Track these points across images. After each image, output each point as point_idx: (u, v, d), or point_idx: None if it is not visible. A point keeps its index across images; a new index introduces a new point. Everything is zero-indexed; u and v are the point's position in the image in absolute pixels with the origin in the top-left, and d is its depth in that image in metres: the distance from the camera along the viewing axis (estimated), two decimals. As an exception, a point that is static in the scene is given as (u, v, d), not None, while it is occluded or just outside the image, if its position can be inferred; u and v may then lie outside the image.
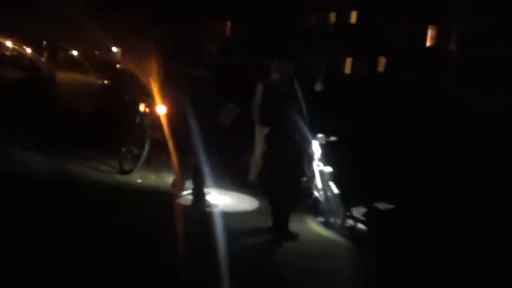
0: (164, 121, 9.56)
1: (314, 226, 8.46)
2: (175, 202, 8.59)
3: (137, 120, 10.07)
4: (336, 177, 8.37)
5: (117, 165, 10.05)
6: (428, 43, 39.54)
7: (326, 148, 8.34)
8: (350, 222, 8.36)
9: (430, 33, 39.56)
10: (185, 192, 8.94)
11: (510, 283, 6.94)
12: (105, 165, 10.28)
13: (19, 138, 11.24)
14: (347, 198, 8.35)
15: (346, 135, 8.83)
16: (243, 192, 9.76)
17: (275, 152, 7.72)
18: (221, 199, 9.10)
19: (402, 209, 8.88)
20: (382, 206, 8.91)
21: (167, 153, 9.71)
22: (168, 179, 9.78)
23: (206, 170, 8.48)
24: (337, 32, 42.10)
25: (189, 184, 8.91)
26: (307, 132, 7.45)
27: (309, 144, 7.69)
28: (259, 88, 9.65)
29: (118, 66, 15.78)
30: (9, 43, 26.77)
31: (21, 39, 24.55)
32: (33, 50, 22.24)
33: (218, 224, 7.74)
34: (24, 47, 24.02)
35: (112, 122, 13.11)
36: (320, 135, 8.10)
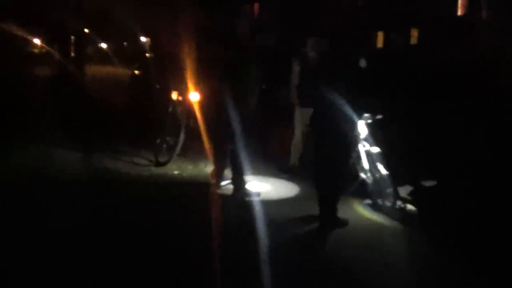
0: (198, 108, 9.27)
1: (362, 210, 8.02)
2: (214, 192, 8.28)
3: (170, 109, 9.66)
4: (384, 157, 7.88)
5: (152, 157, 9.68)
6: (459, 12, 38.63)
7: (373, 127, 7.82)
8: (398, 203, 7.85)
9: (460, 1, 38.63)
10: (224, 182, 8.55)
11: None
12: (141, 158, 9.97)
13: (53, 135, 10.94)
14: (395, 179, 7.86)
15: (392, 112, 8.28)
16: (285, 178, 9.36)
17: (318, 135, 7.23)
18: (262, 187, 8.71)
19: (448, 187, 8.23)
20: (428, 183, 8.37)
21: (203, 141, 9.44)
22: (206, 168, 9.45)
23: (245, 157, 8.06)
24: (367, 5, 41.33)
25: (228, 172, 8.54)
26: (351, 111, 6.94)
27: (354, 124, 7.16)
28: (296, 67, 9.21)
29: (147, 55, 15.32)
30: (37, 41, 26.62)
31: (49, 36, 24.32)
32: (60, 46, 21.92)
33: (261, 214, 7.34)
34: (50, 45, 23.77)
35: (145, 113, 12.77)
36: (366, 114, 7.57)
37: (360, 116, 7.34)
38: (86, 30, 23.84)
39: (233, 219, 7.11)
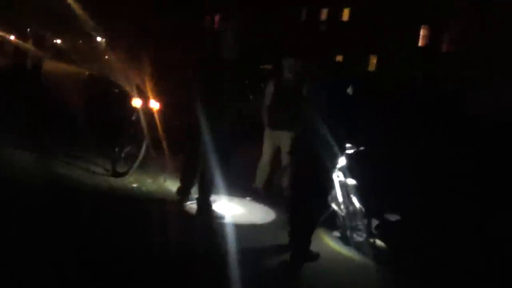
0: (162, 118, 8.84)
1: (331, 243, 7.63)
2: (176, 211, 7.74)
3: (133, 118, 9.04)
4: (358, 189, 7.53)
5: (109, 167, 8.99)
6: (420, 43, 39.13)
7: (353, 158, 7.39)
8: (370, 238, 7.54)
9: (422, 33, 39.14)
10: (189, 202, 7.96)
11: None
12: (96, 166, 9.25)
13: (1, 133, 10.10)
14: (370, 213, 7.54)
15: (373, 142, 7.89)
16: (253, 201, 8.86)
17: (299, 162, 6.76)
18: (229, 209, 8.18)
19: (413, 219, 8.08)
20: (392, 217, 8.04)
21: (165, 154, 9.01)
22: (166, 184, 8.86)
23: (215, 176, 7.52)
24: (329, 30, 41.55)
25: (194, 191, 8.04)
26: (337, 141, 6.49)
27: (338, 155, 6.70)
28: (270, 88, 8.75)
29: (106, 56, 14.65)
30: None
31: (3, 25, 23.39)
32: (17, 37, 21.07)
33: (226, 240, 6.85)
34: (7, 34, 22.85)
35: (102, 117, 12.10)
36: (347, 145, 7.13)
37: (344, 147, 6.89)
38: (42, 24, 23.09)
39: (197, 244, 6.62)
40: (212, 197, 7.82)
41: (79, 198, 7.57)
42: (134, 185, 8.61)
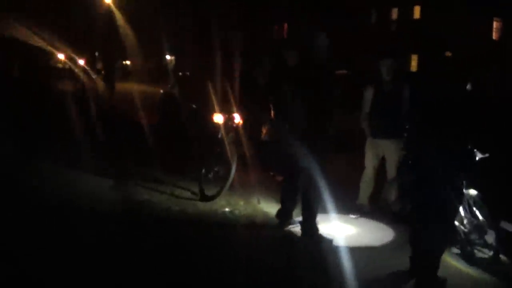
0: (251, 134, 8.54)
1: (452, 261, 6.60)
2: (279, 237, 6.95)
3: (218, 135, 8.31)
4: (483, 201, 6.55)
5: (197, 190, 8.25)
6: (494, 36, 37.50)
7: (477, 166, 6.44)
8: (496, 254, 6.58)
9: (495, 25, 37.52)
10: (291, 225, 7.14)
11: None
12: (182, 189, 8.53)
13: (78, 158, 9.56)
14: (493, 226, 6.57)
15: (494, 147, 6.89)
16: (359, 219, 7.94)
17: (425, 179, 5.82)
18: (337, 230, 7.31)
19: None
20: (509, 227, 7.15)
21: (257, 173, 8.59)
22: (260, 206, 8.05)
23: (320, 196, 6.75)
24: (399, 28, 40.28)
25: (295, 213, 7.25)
26: (469, 148, 5.56)
27: (471, 165, 5.76)
28: (369, 93, 7.85)
29: (180, 73, 14.06)
30: (61, 56, 25.46)
31: (73, 51, 23.27)
32: (86, 62, 20.85)
33: (340, 267, 6.03)
34: (77, 58, 22.70)
35: (181, 136, 11.42)
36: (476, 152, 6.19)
37: (472, 154, 5.94)
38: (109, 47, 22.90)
39: (306, 274, 5.84)
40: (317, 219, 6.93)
41: (166, 228, 6.88)
42: (226, 209, 7.84)
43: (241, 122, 8.48)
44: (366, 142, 8.14)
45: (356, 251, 6.64)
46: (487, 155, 6.50)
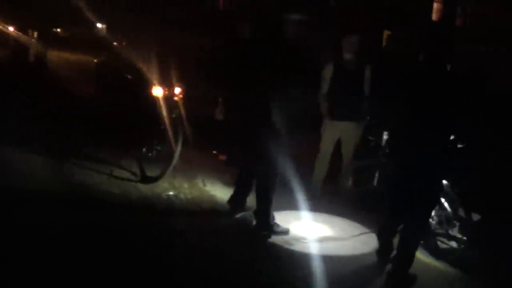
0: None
1: (418, 254, 5.88)
2: (232, 225, 6.36)
3: (163, 111, 7.54)
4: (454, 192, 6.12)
5: (137, 170, 7.49)
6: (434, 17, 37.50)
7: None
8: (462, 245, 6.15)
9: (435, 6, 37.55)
10: (243, 212, 6.58)
11: None
12: (123, 170, 7.73)
13: (8, 134, 8.52)
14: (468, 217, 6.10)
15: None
16: (318, 207, 7.23)
17: (404, 169, 5.27)
18: (287, 219, 6.65)
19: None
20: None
21: (199, 152, 8.14)
22: (208, 188, 7.38)
23: (276, 182, 6.17)
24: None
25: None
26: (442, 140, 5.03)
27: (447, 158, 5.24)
28: (328, 72, 7.22)
29: (114, 42, 13.09)
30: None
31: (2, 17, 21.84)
32: (16, 29, 19.55)
33: (298, 264, 5.51)
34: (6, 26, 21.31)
35: (121, 111, 10.52)
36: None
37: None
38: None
39: (266, 263, 5.46)
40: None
41: (105, 214, 6.14)
42: (171, 192, 7.14)
43: (181, 96, 7.75)
44: (323, 124, 7.53)
45: (317, 244, 6.12)
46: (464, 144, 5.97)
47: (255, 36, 6.93)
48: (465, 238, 6.08)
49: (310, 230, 6.49)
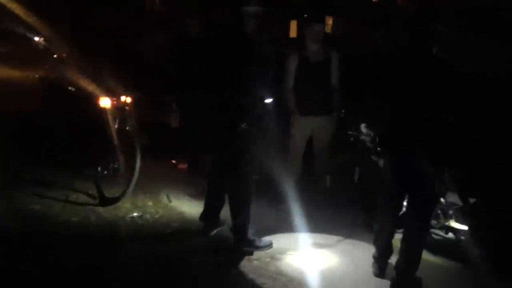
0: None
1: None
2: (210, 246, 5.74)
3: (115, 124, 6.87)
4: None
5: (95, 192, 6.80)
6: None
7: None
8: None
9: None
10: (218, 228, 6.04)
11: None
12: (79, 192, 7.02)
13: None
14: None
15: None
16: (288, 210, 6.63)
17: (398, 163, 4.76)
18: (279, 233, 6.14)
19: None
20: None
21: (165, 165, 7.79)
22: (174, 204, 6.89)
23: (249, 192, 5.65)
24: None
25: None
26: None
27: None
28: (292, 65, 6.67)
29: (55, 55, 12.34)
30: None
31: None
32: None
33: (291, 277, 5.07)
34: None
35: (65, 126, 9.75)
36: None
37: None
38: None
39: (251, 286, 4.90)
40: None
41: (66, 248, 5.44)
42: (135, 214, 6.49)
43: (131, 105, 7.03)
44: (291, 122, 6.98)
45: (303, 254, 5.58)
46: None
47: (207, 33, 6.30)
48: (463, 228, 5.67)
49: (294, 241, 5.89)
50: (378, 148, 5.43)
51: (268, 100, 5.90)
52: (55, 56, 10.83)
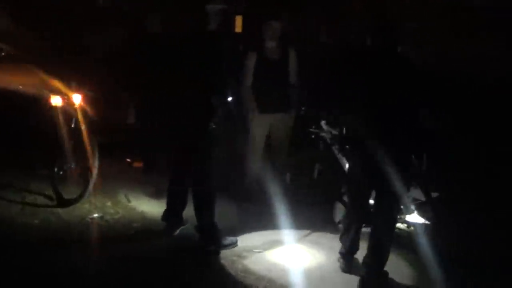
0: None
1: None
2: (174, 247, 5.67)
3: (72, 123, 6.74)
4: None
5: (52, 193, 6.67)
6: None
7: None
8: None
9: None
10: (181, 227, 5.96)
11: None
12: (37, 194, 6.89)
13: None
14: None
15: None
16: (252, 209, 6.77)
17: (371, 154, 4.80)
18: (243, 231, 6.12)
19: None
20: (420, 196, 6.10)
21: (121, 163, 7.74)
22: (133, 204, 6.84)
23: (213, 190, 5.65)
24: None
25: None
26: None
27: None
28: (251, 62, 6.69)
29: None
30: None
31: None
32: None
33: (259, 275, 5.02)
34: None
35: (17, 126, 9.53)
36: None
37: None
38: None
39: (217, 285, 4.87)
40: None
41: (26, 254, 5.25)
42: (95, 215, 6.36)
43: (84, 102, 6.83)
44: (250, 119, 6.99)
45: (268, 251, 5.63)
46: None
47: (171, 30, 6.26)
48: (425, 221, 5.78)
49: (259, 238, 5.90)
50: (346, 146, 5.45)
51: (229, 98, 5.89)
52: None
